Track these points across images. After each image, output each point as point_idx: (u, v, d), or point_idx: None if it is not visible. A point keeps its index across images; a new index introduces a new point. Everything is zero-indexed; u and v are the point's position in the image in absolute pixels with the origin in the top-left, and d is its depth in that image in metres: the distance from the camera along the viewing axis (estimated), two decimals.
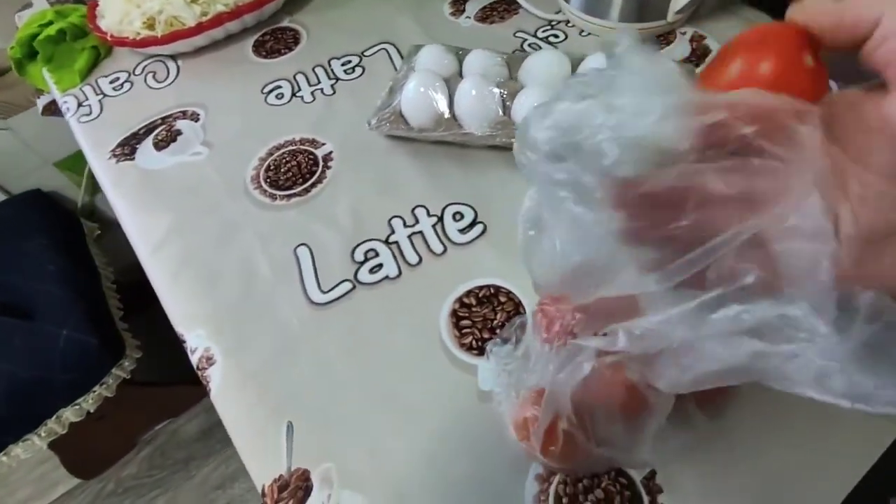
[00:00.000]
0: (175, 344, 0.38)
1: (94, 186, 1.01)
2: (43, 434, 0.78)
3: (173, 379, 1.13)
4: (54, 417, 0.77)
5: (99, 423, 0.85)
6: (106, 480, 1.05)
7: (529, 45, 0.53)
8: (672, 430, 0.26)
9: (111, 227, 1.08)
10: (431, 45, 0.45)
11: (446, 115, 0.42)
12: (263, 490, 0.31)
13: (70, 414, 0.78)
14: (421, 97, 0.41)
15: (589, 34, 0.53)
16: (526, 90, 0.41)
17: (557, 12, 0.55)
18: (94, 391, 0.79)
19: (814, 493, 0.29)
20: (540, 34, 0.54)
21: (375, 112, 0.44)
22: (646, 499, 0.29)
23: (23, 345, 0.73)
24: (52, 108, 0.70)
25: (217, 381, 0.35)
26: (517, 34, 0.54)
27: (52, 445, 0.82)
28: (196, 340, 0.37)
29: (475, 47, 0.47)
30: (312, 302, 0.38)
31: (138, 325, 0.88)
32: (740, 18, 0.52)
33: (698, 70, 0.47)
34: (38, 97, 0.69)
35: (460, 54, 0.45)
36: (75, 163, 0.97)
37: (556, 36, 0.53)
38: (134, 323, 0.87)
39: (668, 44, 0.51)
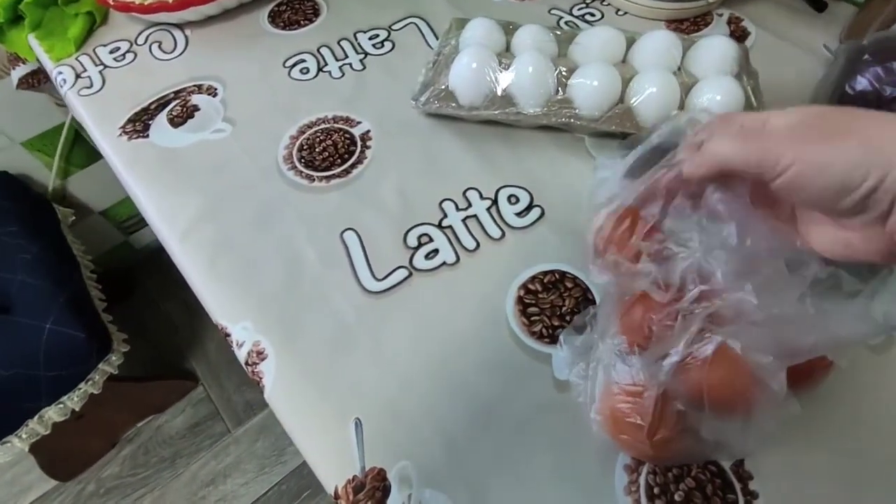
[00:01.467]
0: (158, 336, 0.35)
1: (66, 169, 0.94)
2: (24, 435, 0.72)
3: (156, 373, 1.08)
4: (36, 417, 0.72)
5: (78, 421, 0.80)
6: (85, 482, 0.99)
7: (566, 22, 0.51)
8: (768, 416, 0.26)
9: (85, 213, 1.00)
10: (479, 18, 0.43)
11: (499, 92, 0.39)
12: (336, 492, 0.29)
13: (53, 413, 0.73)
14: (474, 73, 0.39)
15: (626, 13, 0.52)
16: (583, 68, 0.39)
17: None
18: (80, 388, 0.74)
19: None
20: (576, 12, 0.52)
21: (422, 89, 0.42)
22: (737, 486, 0.29)
23: (1, 340, 0.67)
24: (31, 82, 0.63)
25: (271, 377, 0.33)
26: (552, 11, 0.52)
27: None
28: (242, 333, 0.34)
29: (511, 21, 0.44)
30: (367, 290, 0.36)
31: (120, 316, 0.83)
32: (774, 2, 0.52)
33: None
34: (15, 67, 0.62)
35: (510, 29, 0.43)
36: (45, 142, 0.89)
37: (593, 14, 0.52)
38: (115, 314, 0.82)
39: (706, 25, 0.50)
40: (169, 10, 0.47)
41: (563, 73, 0.39)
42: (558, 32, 0.43)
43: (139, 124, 0.44)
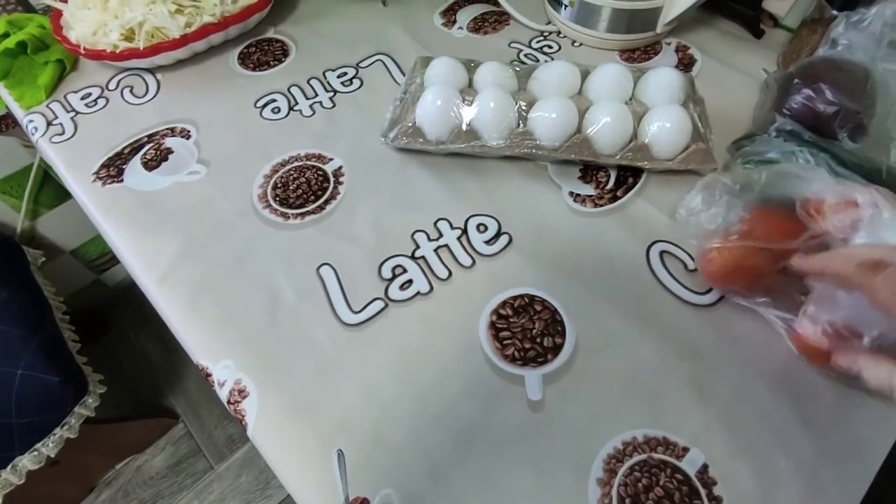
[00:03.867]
0: (135, 374, 0.36)
1: (35, 209, 0.92)
2: None
3: (134, 412, 1.05)
4: (10, 467, 0.70)
5: (54, 468, 0.78)
6: None
7: (525, 55, 0.54)
8: None
9: (55, 253, 0.99)
10: (442, 57, 0.45)
11: (464, 127, 0.42)
12: None
13: (27, 461, 0.71)
14: (439, 110, 0.41)
15: (581, 45, 0.55)
16: (542, 101, 0.41)
17: (548, 23, 0.56)
18: (56, 434, 0.72)
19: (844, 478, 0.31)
20: (534, 44, 0.55)
21: (390, 125, 0.44)
22: (702, 491, 0.31)
23: None
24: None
25: (254, 414, 0.33)
26: (512, 44, 0.55)
27: None
28: (223, 372, 0.35)
29: (473, 58, 0.47)
30: (345, 323, 0.37)
31: (95, 357, 0.82)
32: (718, 30, 0.56)
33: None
34: None
35: (471, 66, 0.45)
36: (12, 185, 0.88)
37: (550, 46, 0.55)
38: (90, 355, 0.80)
39: (656, 54, 0.54)
40: (140, 56, 0.48)
41: (523, 107, 0.41)
42: (517, 68, 0.45)
43: (113, 169, 0.45)
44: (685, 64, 0.52)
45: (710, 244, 0.35)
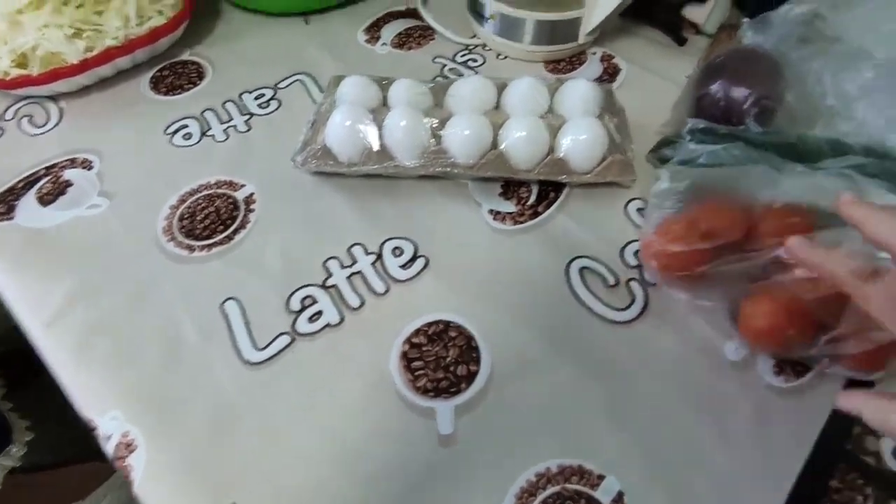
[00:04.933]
0: (72, 418, 0.33)
1: None
2: None
3: (73, 457, 0.99)
4: None
5: None
6: None
7: (449, 69, 0.52)
8: None
9: None
10: (353, 76, 0.43)
11: (375, 147, 0.40)
12: None
13: None
14: (348, 131, 0.39)
15: (506, 57, 0.54)
16: (455, 118, 0.40)
17: (473, 36, 0.55)
18: None
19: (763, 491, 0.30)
20: (459, 59, 0.54)
21: (301, 148, 0.42)
22: None
23: None
24: None
25: (140, 470, 0.31)
26: (436, 59, 0.54)
27: None
28: (110, 425, 0.32)
29: (394, 74, 0.45)
30: (247, 362, 0.35)
31: (25, 401, 0.77)
32: (643, 38, 0.55)
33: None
34: None
35: (384, 84, 0.43)
36: None
37: (475, 60, 0.54)
38: (19, 399, 0.76)
39: (581, 64, 0.53)
40: (35, 83, 0.46)
41: (436, 125, 0.40)
42: (431, 85, 0.44)
43: (3, 206, 0.42)
44: (610, 73, 0.52)
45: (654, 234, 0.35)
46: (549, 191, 0.43)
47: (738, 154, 0.38)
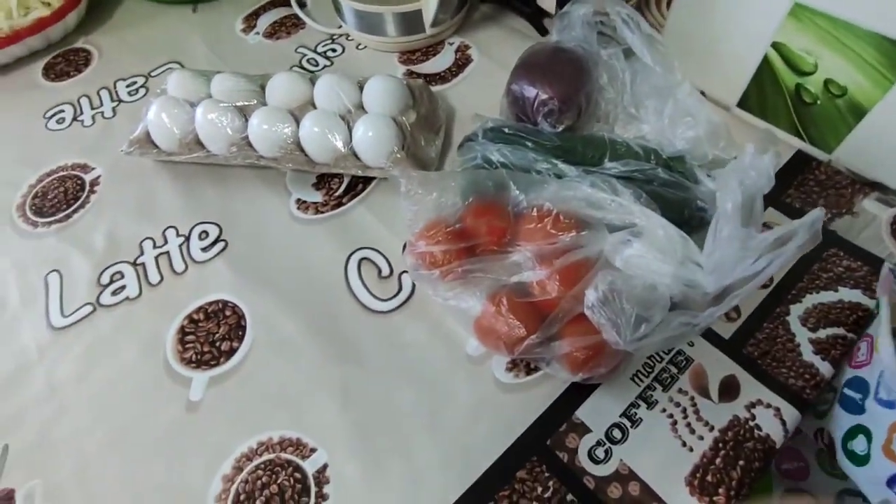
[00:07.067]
0: None
1: None
2: None
3: None
4: None
5: None
6: None
7: (307, 60, 0.55)
8: None
9: None
10: (181, 70, 0.47)
11: (187, 138, 0.43)
12: None
13: None
14: (161, 122, 0.43)
15: (365, 47, 0.55)
16: (259, 110, 0.43)
17: (340, 27, 0.57)
18: None
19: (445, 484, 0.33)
20: (320, 49, 0.56)
21: (128, 137, 0.46)
22: (313, 489, 0.33)
23: None
24: None
25: None
26: (299, 49, 0.56)
27: None
28: None
29: (256, 64, 0.48)
30: (53, 327, 0.40)
31: None
32: (504, 27, 0.55)
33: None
34: None
35: (209, 78, 0.46)
36: None
37: (335, 50, 0.55)
38: None
39: (436, 54, 0.54)
40: None
41: (246, 116, 0.43)
42: (253, 79, 0.47)
43: None
44: (460, 64, 0.52)
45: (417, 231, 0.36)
46: (359, 183, 0.45)
47: (514, 156, 0.39)
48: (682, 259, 0.32)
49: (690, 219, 0.38)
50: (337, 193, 0.45)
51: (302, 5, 0.59)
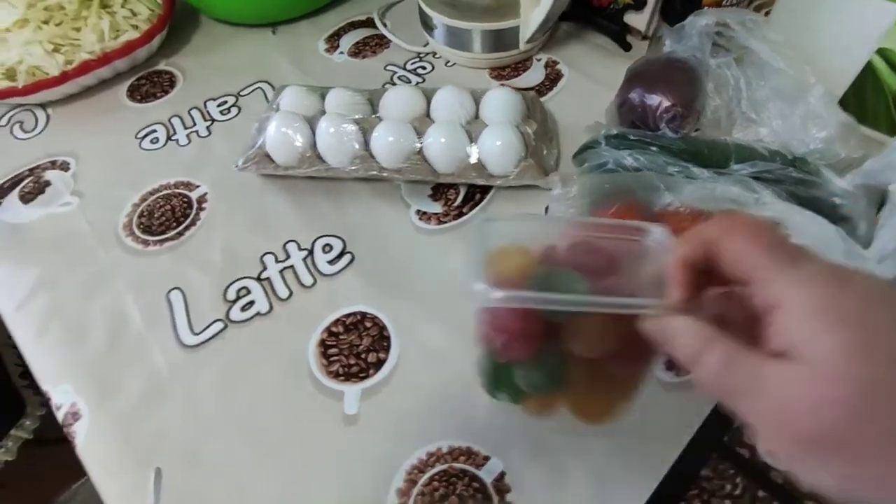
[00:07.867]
0: None
1: None
2: None
3: None
4: None
5: (1, 490, 0.80)
6: None
7: (399, 77, 0.56)
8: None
9: None
10: (293, 85, 0.47)
11: (308, 152, 0.43)
12: None
13: None
14: (282, 137, 0.43)
15: (455, 64, 0.57)
16: (381, 125, 0.43)
17: (426, 45, 0.58)
18: None
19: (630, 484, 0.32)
20: (409, 66, 0.57)
21: (243, 152, 0.46)
22: (495, 498, 0.32)
23: None
24: None
25: (82, 436, 0.35)
26: (388, 67, 0.57)
27: None
28: (61, 397, 0.37)
29: (347, 82, 0.49)
30: (184, 345, 0.39)
31: None
32: (590, 44, 0.57)
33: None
34: None
35: (323, 93, 0.47)
36: None
37: (424, 67, 0.57)
38: (34, 378, 0.83)
39: (526, 70, 0.55)
40: (21, 94, 0.51)
41: (365, 131, 0.43)
42: (369, 94, 0.47)
43: None
44: (552, 79, 0.54)
45: None
46: (476, 193, 0.46)
47: (644, 160, 0.40)
48: (846, 252, 0.33)
49: (825, 216, 0.39)
50: (456, 203, 0.45)
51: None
